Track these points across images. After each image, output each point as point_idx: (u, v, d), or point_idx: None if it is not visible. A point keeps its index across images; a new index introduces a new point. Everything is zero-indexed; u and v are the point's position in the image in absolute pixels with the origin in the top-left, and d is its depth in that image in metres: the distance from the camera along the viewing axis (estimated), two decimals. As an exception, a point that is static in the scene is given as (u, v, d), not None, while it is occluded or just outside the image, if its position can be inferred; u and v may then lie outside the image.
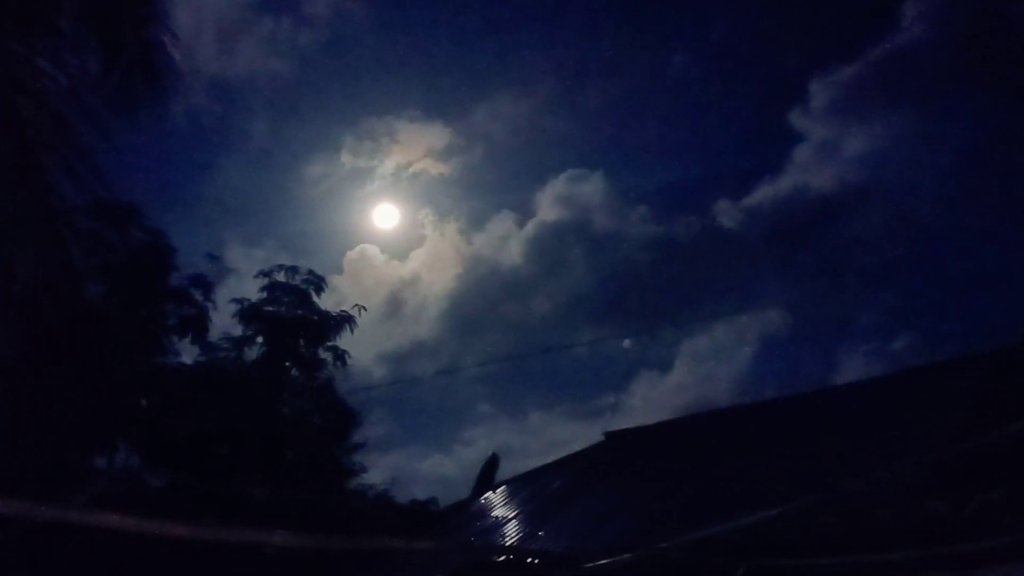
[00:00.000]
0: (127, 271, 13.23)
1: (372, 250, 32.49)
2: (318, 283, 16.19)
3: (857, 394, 9.66)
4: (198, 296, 14.81)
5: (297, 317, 15.90)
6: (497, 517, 10.74)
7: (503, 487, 12.41)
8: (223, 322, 15.64)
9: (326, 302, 16.70)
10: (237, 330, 15.85)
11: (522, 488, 11.77)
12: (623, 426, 12.07)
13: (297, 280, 16.22)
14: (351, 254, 31.88)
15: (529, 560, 6.76)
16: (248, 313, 15.70)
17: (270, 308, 15.90)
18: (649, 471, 9.69)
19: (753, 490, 5.01)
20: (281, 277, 16.16)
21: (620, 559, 4.77)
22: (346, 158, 33.22)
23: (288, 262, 16.62)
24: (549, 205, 34.77)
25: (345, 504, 15.74)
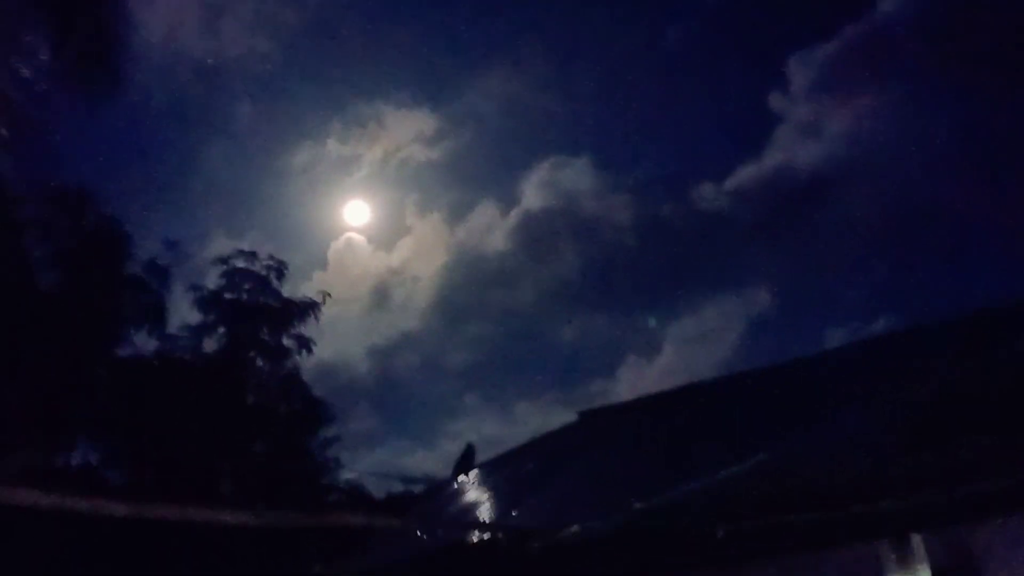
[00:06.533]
0: (81, 258, 12.71)
1: (358, 240, 31.71)
2: (279, 268, 15.74)
3: (836, 360, 9.57)
4: (154, 284, 14.29)
5: (258, 304, 15.41)
6: (470, 501, 10.50)
7: (476, 472, 12.17)
8: (184, 312, 15.17)
9: (305, 291, 16.37)
10: (196, 319, 15.37)
11: (495, 472, 11.54)
12: (604, 408, 11.85)
13: (257, 266, 15.72)
14: (336, 245, 31.16)
15: (500, 537, 6.48)
16: (206, 300, 15.20)
17: (229, 295, 15.40)
18: (624, 447, 9.47)
19: (729, 455, 4.78)
20: (241, 263, 15.65)
21: (592, 526, 4.52)
22: (333, 145, 32.57)
23: (273, 253, 16.02)
24: (533, 192, 34.67)
25: (314, 497, 15.34)
